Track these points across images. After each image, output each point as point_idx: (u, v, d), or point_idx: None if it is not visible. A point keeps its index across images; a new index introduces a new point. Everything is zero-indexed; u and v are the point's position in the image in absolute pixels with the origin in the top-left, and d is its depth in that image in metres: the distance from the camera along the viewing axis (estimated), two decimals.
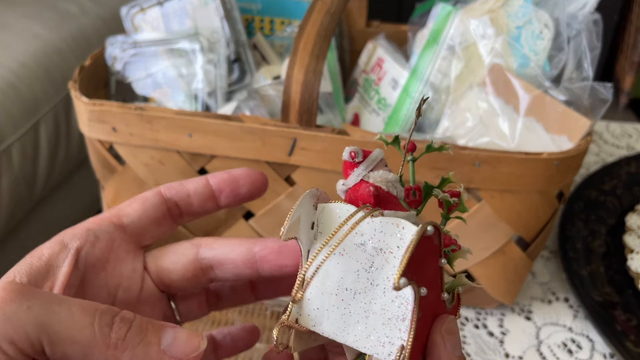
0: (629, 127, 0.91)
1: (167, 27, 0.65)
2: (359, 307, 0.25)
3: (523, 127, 0.54)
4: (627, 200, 0.71)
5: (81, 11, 1.29)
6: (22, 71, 1.08)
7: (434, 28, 0.61)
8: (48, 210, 1.18)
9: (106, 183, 0.57)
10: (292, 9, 0.69)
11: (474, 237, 0.52)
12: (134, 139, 0.52)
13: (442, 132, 0.59)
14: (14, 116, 1.02)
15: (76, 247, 0.25)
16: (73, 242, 0.25)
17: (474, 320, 0.59)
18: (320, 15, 0.48)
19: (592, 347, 0.56)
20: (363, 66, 0.69)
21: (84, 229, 0.26)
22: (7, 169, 0.99)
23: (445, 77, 0.60)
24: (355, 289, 0.25)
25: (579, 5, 0.56)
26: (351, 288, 0.25)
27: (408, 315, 0.24)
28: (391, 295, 0.25)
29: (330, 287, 0.25)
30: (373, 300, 0.25)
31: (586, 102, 0.52)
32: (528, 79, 0.56)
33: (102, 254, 0.26)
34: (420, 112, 0.27)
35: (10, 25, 1.17)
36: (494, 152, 0.48)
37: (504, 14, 0.58)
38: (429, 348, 0.25)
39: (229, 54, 0.64)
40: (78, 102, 0.53)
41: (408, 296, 0.24)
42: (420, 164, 0.48)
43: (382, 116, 0.64)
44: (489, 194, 0.50)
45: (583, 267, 0.62)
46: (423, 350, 0.25)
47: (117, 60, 0.63)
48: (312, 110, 0.48)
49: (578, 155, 0.49)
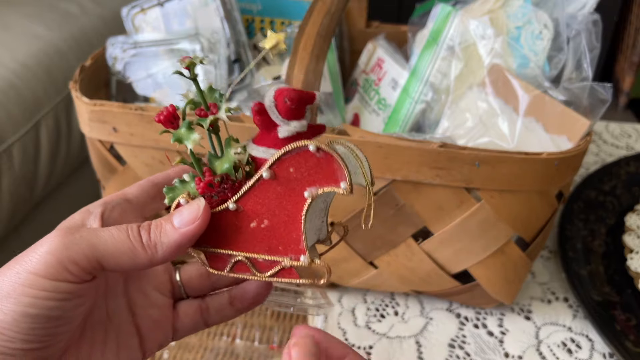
0: (628, 127, 0.91)
1: (168, 27, 0.65)
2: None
3: (523, 127, 0.54)
4: (627, 200, 0.71)
5: (82, 11, 1.29)
6: (22, 71, 1.08)
7: (433, 28, 0.61)
8: (49, 210, 1.18)
9: (107, 183, 0.57)
10: (292, 9, 0.69)
11: (474, 237, 0.52)
12: (134, 139, 0.53)
13: (442, 132, 0.59)
14: (14, 116, 1.02)
15: (100, 212, 0.31)
16: (97, 209, 0.32)
17: (474, 320, 0.59)
18: (320, 15, 0.48)
19: (592, 346, 0.57)
20: (363, 66, 0.69)
21: (102, 201, 0.33)
22: (7, 169, 1.00)
23: (445, 77, 0.60)
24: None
25: (579, 6, 0.56)
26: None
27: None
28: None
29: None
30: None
31: (585, 103, 0.52)
32: (528, 79, 0.56)
33: (118, 218, 0.32)
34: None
35: (11, 25, 1.17)
36: (493, 152, 0.48)
37: (504, 14, 0.58)
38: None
39: (229, 55, 0.64)
40: (79, 102, 0.53)
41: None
42: (421, 163, 0.49)
43: (382, 116, 0.65)
44: (489, 194, 0.50)
45: (582, 267, 0.62)
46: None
47: (117, 61, 0.63)
48: (312, 110, 0.48)
49: (577, 156, 0.49)
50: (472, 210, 0.51)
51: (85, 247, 0.29)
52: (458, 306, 0.61)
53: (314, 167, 0.29)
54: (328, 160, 0.29)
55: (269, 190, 0.30)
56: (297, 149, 0.29)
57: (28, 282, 0.28)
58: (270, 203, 0.30)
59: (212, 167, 0.31)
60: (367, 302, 0.61)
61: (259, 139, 0.31)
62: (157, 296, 0.36)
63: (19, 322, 0.27)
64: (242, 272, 0.32)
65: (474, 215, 0.51)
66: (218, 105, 0.31)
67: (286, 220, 0.30)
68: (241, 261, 0.32)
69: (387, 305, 0.61)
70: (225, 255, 0.32)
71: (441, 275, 0.56)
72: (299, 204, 0.30)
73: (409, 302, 0.61)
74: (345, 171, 0.28)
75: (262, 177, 0.30)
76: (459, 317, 0.60)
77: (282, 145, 0.30)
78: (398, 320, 0.59)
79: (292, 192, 0.30)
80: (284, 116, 0.29)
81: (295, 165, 0.29)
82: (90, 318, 0.32)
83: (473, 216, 0.51)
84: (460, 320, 0.59)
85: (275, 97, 0.29)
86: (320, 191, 0.29)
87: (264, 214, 0.31)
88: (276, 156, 0.29)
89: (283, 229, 0.31)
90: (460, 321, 0.59)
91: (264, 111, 0.30)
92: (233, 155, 0.31)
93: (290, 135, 0.30)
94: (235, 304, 0.37)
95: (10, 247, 1.06)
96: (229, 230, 0.32)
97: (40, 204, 1.14)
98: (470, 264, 0.54)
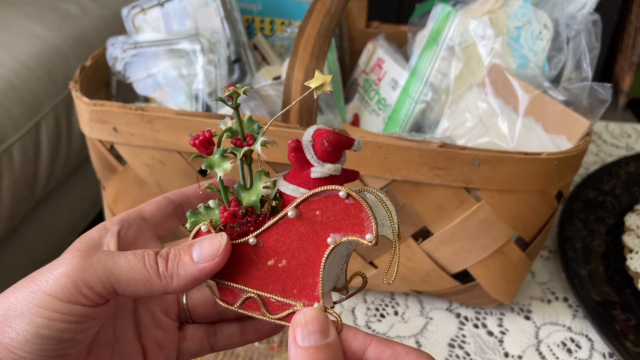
0: (628, 127, 0.91)
1: (168, 27, 0.65)
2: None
3: (522, 128, 0.54)
4: (626, 200, 0.71)
5: (82, 12, 1.29)
6: (23, 71, 1.08)
7: (433, 28, 0.61)
8: (49, 210, 1.18)
9: (107, 183, 0.57)
10: (292, 9, 0.69)
11: (474, 237, 0.52)
12: (134, 139, 0.53)
13: (442, 132, 0.59)
14: (15, 116, 1.02)
15: (117, 230, 0.32)
16: (114, 227, 0.32)
17: (474, 320, 0.59)
18: (320, 15, 0.48)
19: (591, 346, 0.57)
20: (363, 66, 0.69)
21: (119, 218, 0.33)
22: (8, 169, 1.00)
23: (445, 77, 0.60)
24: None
25: (578, 6, 0.56)
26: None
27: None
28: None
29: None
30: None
31: (585, 103, 0.52)
32: (527, 79, 0.56)
33: (134, 237, 0.33)
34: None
35: (11, 25, 1.17)
36: (493, 152, 0.48)
37: (504, 14, 0.58)
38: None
39: (229, 55, 0.64)
40: (79, 103, 0.53)
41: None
42: (420, 163, 0.49)
43: (382, 116, 0.65)
44: (489, 194, 0.50)
45: (582, 267, 0.62)
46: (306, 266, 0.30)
47: (118, 61, 0.63)
48: (312, 110, 0.48)
49: (577, 155, 0.50)
50: (472, 210, 0.51)
51: (101, 272, 0.28)
52: (458, 306, 0.61)
53: (341, 213, 0.28)
54: (357, 208, 0.28)
55: (292, 229, 0.30)
56: (327, 192, 0.28)
57: (43, 303, 0.27)
58: (291, 243, 0.30)
59: (239, 198, 0.31)
60: (367, 302, 0.61)
61: (290, 176, 0.30)
62: (164, 318, 0.35)
63: (31, 342, 0.27)
64: (251, 310, 0.31)
65: (474, 215, 0.51)
66: (255, 137, 0.31)
67: (305, 263, 0.30)
68: (253, 298, 0.31)
69: (387, 305, 0.61)
70: (237, 290, 0.31)
71: (441, 275, 0.56)
72: (320, 249, 0.29)
73: (409, 302, 0.61)
74: (372, 222, 0.28)
75: (287, 215, 0.29)
76: (459, 317, 0.60)
77: (313, 185, 0.29)
78: (398, 320, 0.59)
79: (315, 236, 0.29)
80: (319, 157, 0.29)
81: (322, 208, 0.29)
82: (97, 337, 0.32)
83: (473, 216, 0.51)
84: (460, 320, 0.59)
85: (314, 137, 0.29)
86: (344, 239, 0.28)
87: (284, 254, 0.30)
88: (304, 196, 0.29)
89: (300, 272, 0.30)
90: (460, 321, 0.59)
91: (300, 149, 0.29)
92: (262, 189, 0.30)
93: (322, 176, 0.29)
94: (246, 335, 0.36)
95: (10, 246, 1.06)
96: (245, 264, 0.31)
97: (40, 204, 1.14)
98: (470, 264, 0.54)
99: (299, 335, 0.28)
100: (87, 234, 0.31)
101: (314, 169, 0.29)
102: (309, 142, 0.29)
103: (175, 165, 0.54)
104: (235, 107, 0.30)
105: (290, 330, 0.29)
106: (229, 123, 0.31)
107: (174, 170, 0.54)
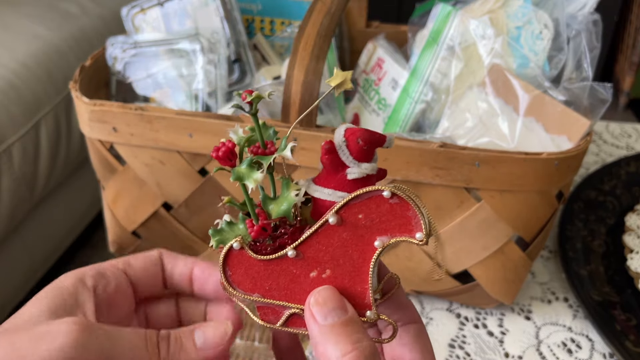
0: (628, 127, 0.91)
1: (168, 27, 0.65)
2: None
3: (523, 127, 0.54)
4: (627, 200, 0.71)
5: (82, 12, 1.29)
6: (22, 71, 1.08)
7: (433, 28, 0.61)
8: (48, 210, 1.18)
9: (107, 183, 0.57)
10: (292, 9, 0.69)
11: (474, 237, 0.52)
12: (134, 139, 0.53)
13: (442, 132, 0.59)
14: (14, 116, 1.02)
15: (92, 285, 0.30)
16: (90, 282, 0.30)
17: (474, 320, 0.59)
18: (320, 15, 0.48)
19: (592, 346, 0.57)
20: (363, 66, 0.69)
21: (99, 272, 0.31)
22: (7, 169, 1.00)
23: (445, 77, 0.60)
24: None
25: (579, 6, 0.56)
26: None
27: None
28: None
29: None
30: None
31: (586, 102, 0.52)
32: (528, 79, 0.56)
33: (112, 295, 0.31)
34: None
35: (11, 25, 1.17)
36: (493, 152, 0.48)
37: (504, 14, 0.58)
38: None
39: (229, 55, 0.64)
40: (79, 102, 0.53)
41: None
42: (421, 163, 0.49)
43: (382, 116, 0.65)
44: (489, 194, 0.50)
45: (582, 267, 0.62)
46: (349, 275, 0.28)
47: (117, 61, 0.63)
48: (312, 110, 0.48)
49: (577, 155, 0.49)
50: (472, 210, 0.51)
51: (100, 350, 0.27)
52: (458, 306, 0.61)
53: (386, 214, 0.27)
54: (403, 207, 0.27)
55: (333, 236, 0.28)
56: (370, 194, 0.27)
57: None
58: (334, 251, 0.28)
59: (266, 209, 0.29)
60: None
61: (322, 180, 0.28)
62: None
63: None
64: (297, 327, 0.29)
65: (474, 215, 0.51)
66: (274, 143, 0.29)
67: (351, 271, 0.28)
68: (297, 314, 0.29)
69: None
70: (278, 307, 0.29)
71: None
72: (366, 254, 0.27)
73: None
74: (422, 220, 0.26)
75: (327, 221, 0.27)
76: (459, 317, 0.60)
77: (350, 187, 0.27)
78: None
79: (360, 240, 0.27)
80: (355, 157, 0.27)
81: (365, 211, 0.27)
82: None
83: (473, 216, 0.51)
84: (461, 320, 0.59)
85: (347, 137, 0.27)
86: (393, 240, 0.27)
87: (327, 263, 0.28)
88: (345, 200, 0.27)
89: (347, 280, 0.28)
90: (460, 321, 0.59)
91: (334, 150, 0.28)
92: (294, 196, 0.28)
93: (360, 177, 0.27)
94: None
95: (10, 246, 1.06)
96: (284, 279, 0.29)
97: (40, 204, 1.14)
98: (470, 264, 0.54)
99: (318, 315, 0.27)
100: (60, 283, 0.30)
101: (351, 170, 0.28)
102: (342, 142, 0.27)
103: (175, 165, 0.54)
104: (254, 113, 0.29)
105: (307, 311, 0.28)
106: (239, 131, 0.29)
107: (174, 170, 0.54)
